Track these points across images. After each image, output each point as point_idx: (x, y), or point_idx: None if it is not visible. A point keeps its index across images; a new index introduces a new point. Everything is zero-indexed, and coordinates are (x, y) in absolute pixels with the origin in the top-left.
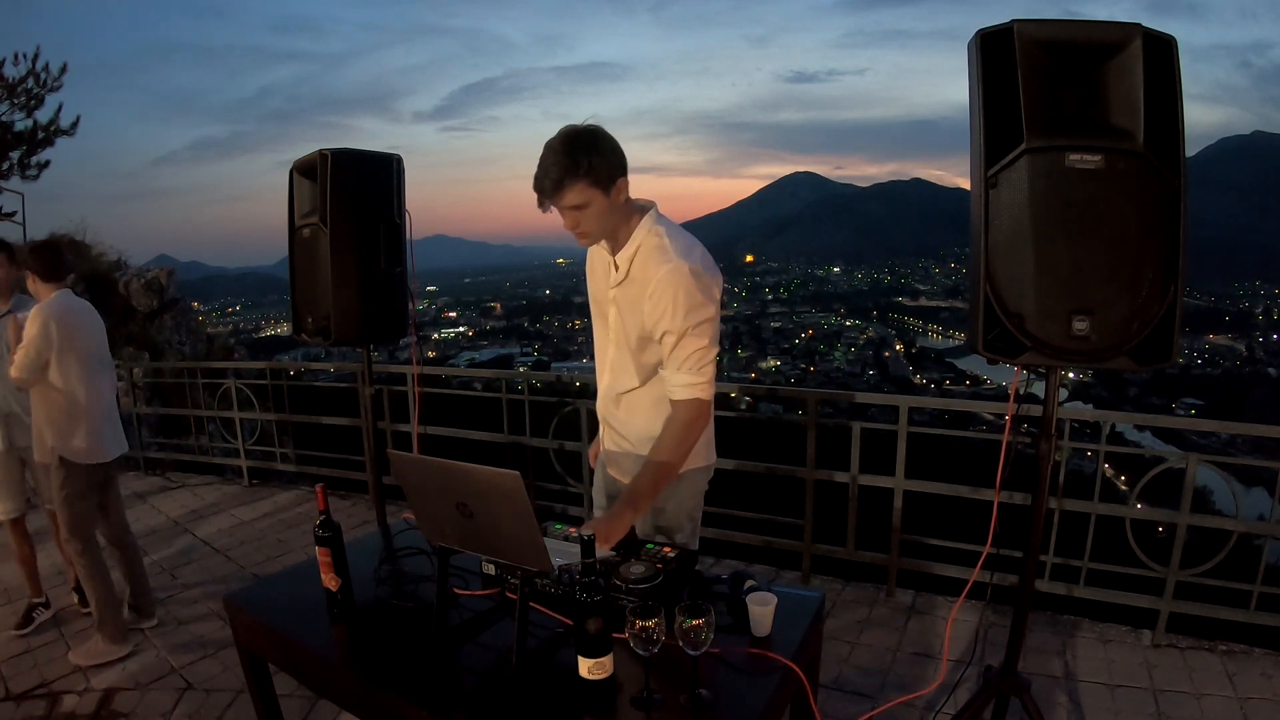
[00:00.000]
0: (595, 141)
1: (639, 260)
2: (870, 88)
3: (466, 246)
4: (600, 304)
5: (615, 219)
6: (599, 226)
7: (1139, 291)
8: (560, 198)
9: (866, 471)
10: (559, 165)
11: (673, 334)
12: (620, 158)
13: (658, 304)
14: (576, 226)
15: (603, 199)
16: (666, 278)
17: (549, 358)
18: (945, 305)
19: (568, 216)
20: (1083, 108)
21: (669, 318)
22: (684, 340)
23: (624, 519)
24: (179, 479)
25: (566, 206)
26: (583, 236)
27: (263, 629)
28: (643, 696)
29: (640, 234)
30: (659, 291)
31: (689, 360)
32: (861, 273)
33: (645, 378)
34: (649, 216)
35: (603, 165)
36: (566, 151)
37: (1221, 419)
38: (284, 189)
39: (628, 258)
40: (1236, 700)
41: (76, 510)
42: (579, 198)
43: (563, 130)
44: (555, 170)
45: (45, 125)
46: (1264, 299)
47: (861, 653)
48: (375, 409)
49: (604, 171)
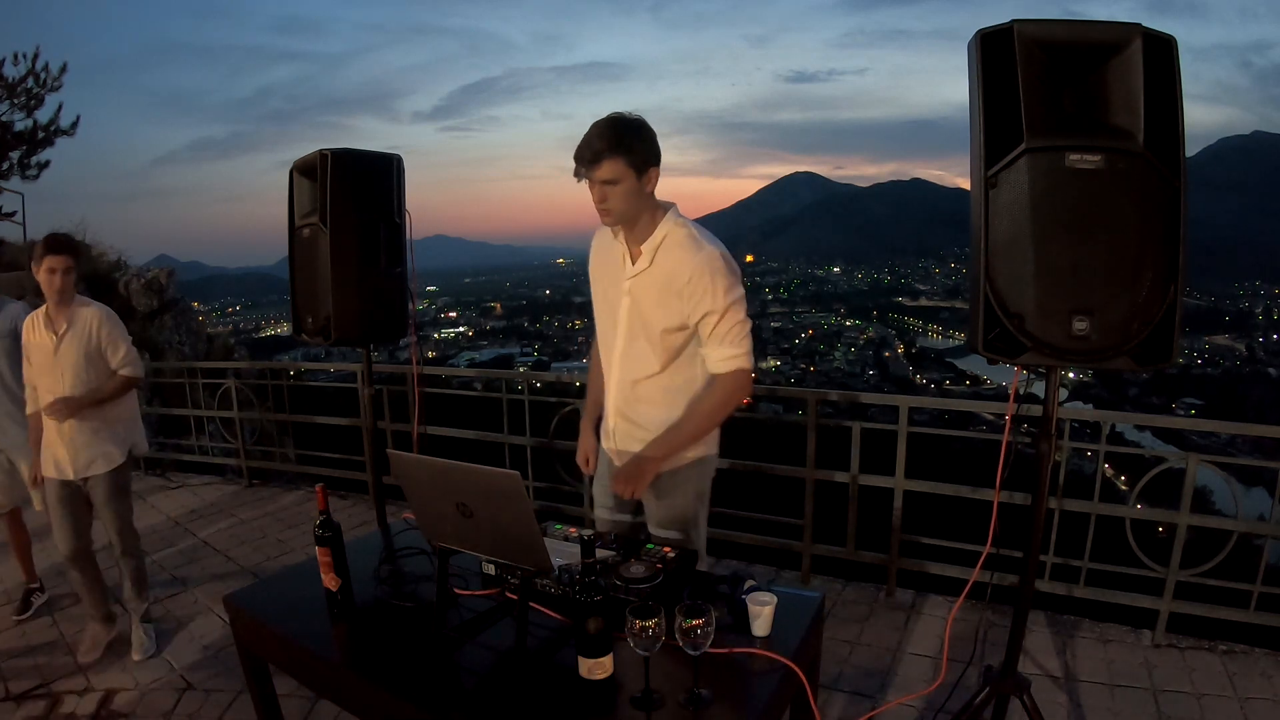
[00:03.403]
0: (639, 128)
1: (665, 249)
2: (870, 88)
3: (466, 246)
4: (611, 296)
5: (640, 205)
6: (624, 206)
7: (1139, 291)
8: (596, 169)
9: (866, 471)
10: (602, 138)
11: (715, 313)
12: (658, 150)
13: (698, 288)
14: (604, 201)
15: (634, 180)
16: (705, 263)
17: (549, 358)
18: (945, 305)
19: (597, 190)
20: (1083, 108)
21: (710, 298)
22: (725, 317)
23: (653, 463)
24: (179, 479)
25: (599, 180)
26: (606, 214)
27: (263, 629)
28: (643, 696)
29: (666, 225)
30: (698, 276)
31: (730, 334)
32: (861, 273)
33: (667, 362)
34: (673, 211)
35: (641, 150)
36: (612, 128)
37: (1221, 419)
38: (284, 189)
39: (653, 246)
40: (1236, 700)
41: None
42: (612, 172)
43: (612, 113)
44: (598, 142)
45: (45, 125)
46: (1264, 299)
47: (861, 653)
48: (375, 409)
49: (641, 156)
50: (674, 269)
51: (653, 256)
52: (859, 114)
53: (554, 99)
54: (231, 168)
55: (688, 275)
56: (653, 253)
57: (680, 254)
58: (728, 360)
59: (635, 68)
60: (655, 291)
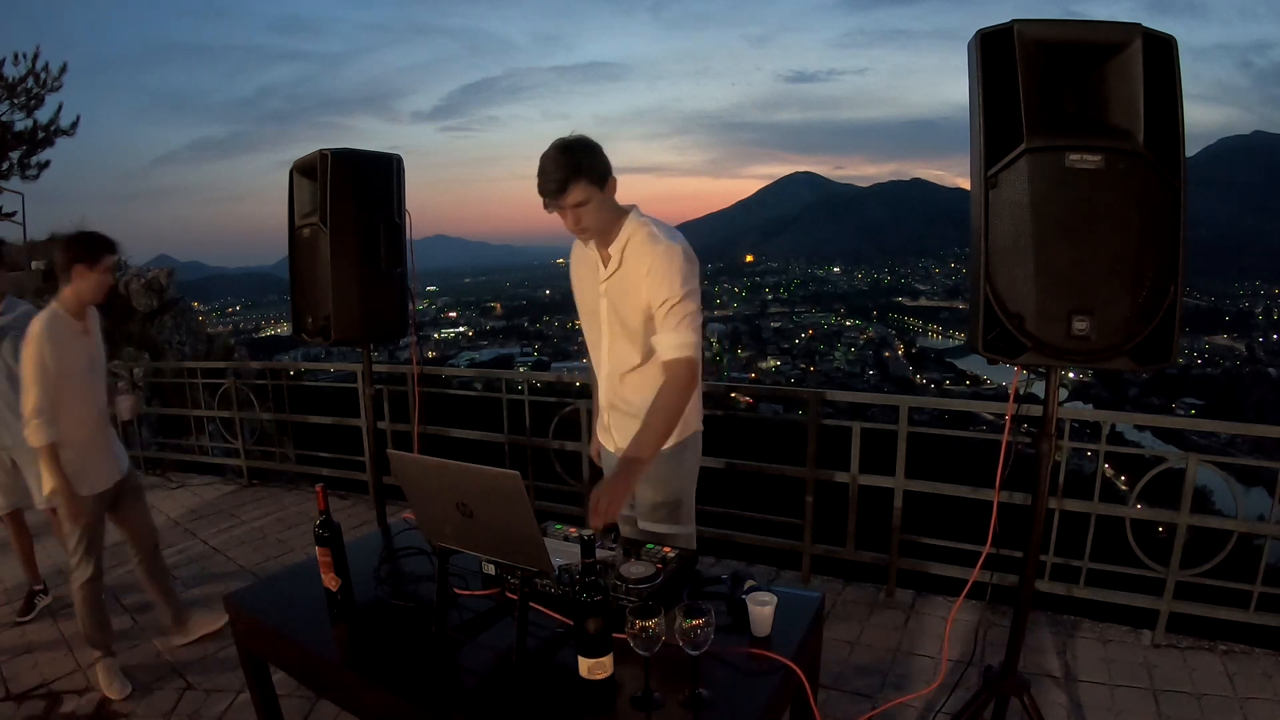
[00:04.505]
0: (587, 146)
1: (630, 248)
2: (870, 88)
3: (466, 246)
4: (590, 302)
5: (608, 214)
6: (597, 220)
7: (1139, 291)
8: (565, 197)
9: (866, 471)
10: (560, 167)
11: (671, 300)
12: (607, 160)
13: (659, 278)
14: (579, 224)
15: (599, 195)
16: (664, 254)
17: (549, 358)
18: (945, 305)
19: (569, 216)
20: (1083, 108)
21: (667, 286)
22: (679, 305)
23: (626, 482)
24: (179, 479)
25: (570, 205)
26: (583, 232)
27: (263, 629)
28: (643, 696)
29: (630, 227)
30: (657, 267)
31: (684, 321)
32: (861, 273)
33: (647, 355)
34: (634, 212)
35: (596, 166)
36: (566, 156)
37: (1221, 419)
38: (284, 189)
39: (620, 248)
40: (1236, 700)
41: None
42: (581, 195)
43: (556, 142)
44: (558, 173)
45: (45, 125)
46: (1264, 299)
47: (861, 653)
48: (375, 409)
49: (598, 171)
50: (637, 264)
51: (620, 257)
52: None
53: (554, 99)
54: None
55: (647, 267)
56: (620, 253)
57: (642, 249)
58: (676, 348)
59: (635, 68)
60: (626, 289)
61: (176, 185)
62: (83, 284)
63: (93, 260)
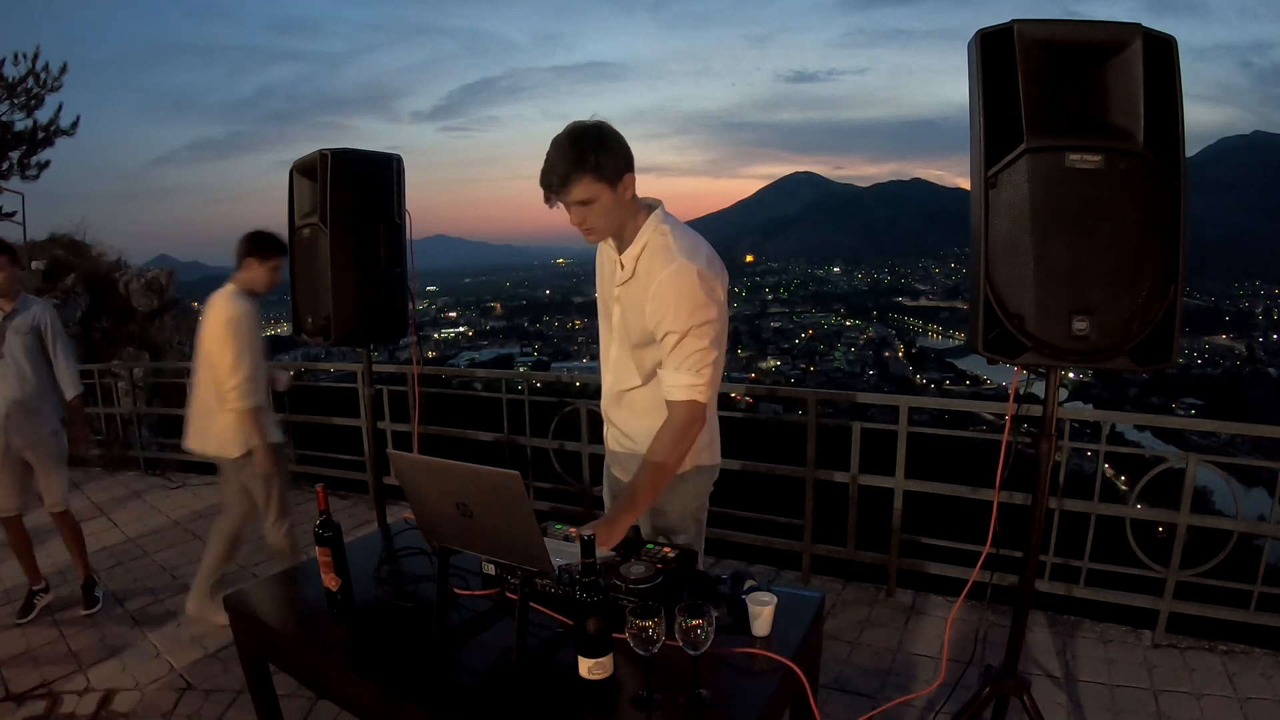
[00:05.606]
0: (602, 137)
1: (644, 258)
2: (870, 87)
3: (466, 246)
4: (605, 302)
5: (622, 215)
6: (606, 222)
7: (1139, 291)
8: (567, 193)
9: (866, 471)
10: (566, 160)
11: (675, 334)
12: (627, 154)
13: (660, 303)
14: (584, 223)
15: (610, 194)
16: (670, 278)
17: (549, 358)
18: (945, 305)
19: (575, 212)
20: (1083, 108)
21: (671, 317)
22: (685, 341)
23: (622, 522)
24: (179, 479)
25: (573, 202)
26: (589, 233)
27: (263, 629)
28: (643, 696)
29: (646, 232)
30: (661, 291)
31: (688, 360)
32: (861, 273)
33: (646, 377)
34: (655, 215)
35: (609, 160)
36: (573, 147)
37: (1221, 419)
38: (284, 189)
39: (634, 256)
40: (1236, 700)
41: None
42: (586, 193)
43: (569, 126)
44: (562, 165)
45: (45, 125)
46: (1264, 299)
47: (861, 653)
48: (375, 409)
49: (610, 167)
50: (647, 280)
51: (634, 267)
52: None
53: (554, 99)
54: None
55: (654, 288)
56: (634, 262)
57: (653, 265)
58: (683, 389)
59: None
60: (635, 303)
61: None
62: (250, 274)
63: (263, 256)
